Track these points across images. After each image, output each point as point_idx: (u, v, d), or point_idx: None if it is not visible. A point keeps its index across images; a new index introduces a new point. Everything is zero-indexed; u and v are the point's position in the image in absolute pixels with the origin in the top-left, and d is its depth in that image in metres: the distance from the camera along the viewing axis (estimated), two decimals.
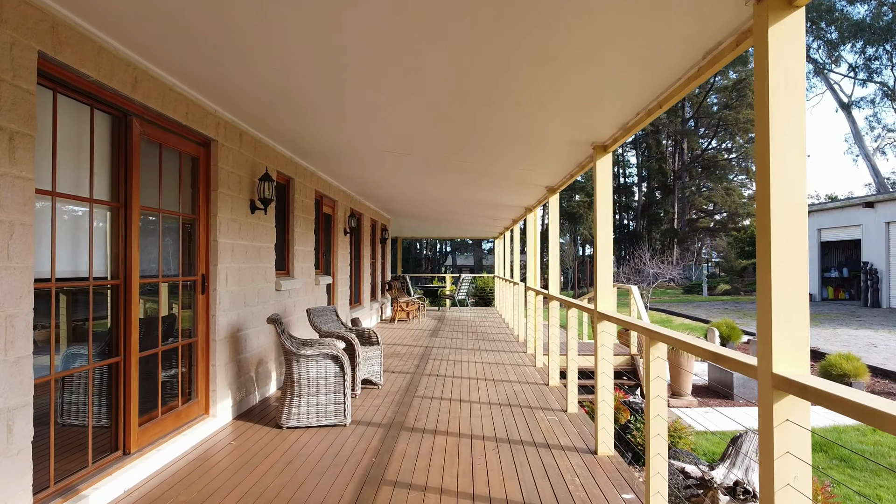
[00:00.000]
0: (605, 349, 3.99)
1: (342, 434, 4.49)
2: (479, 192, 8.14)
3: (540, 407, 5.38)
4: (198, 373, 4.49)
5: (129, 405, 3.55)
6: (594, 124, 3.75)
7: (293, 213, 6.64)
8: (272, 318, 4.73)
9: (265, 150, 5.62)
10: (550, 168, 5.39)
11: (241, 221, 5.05)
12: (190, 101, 4.10)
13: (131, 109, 3.56)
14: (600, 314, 3.98)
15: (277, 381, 6.02)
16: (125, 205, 3.56)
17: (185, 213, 4.37)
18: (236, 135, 4.93)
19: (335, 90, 3.74)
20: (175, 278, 4.24)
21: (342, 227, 9.32)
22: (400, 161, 6.39)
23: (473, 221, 13.80)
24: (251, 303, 5.30)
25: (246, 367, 5.19)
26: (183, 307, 4.43)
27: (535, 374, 7.03)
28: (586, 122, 3.76)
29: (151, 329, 3.92)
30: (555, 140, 4.39)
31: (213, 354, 4.60)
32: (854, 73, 30.62)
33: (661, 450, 2.84)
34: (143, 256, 3.86)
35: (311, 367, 4.66)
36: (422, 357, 8.22)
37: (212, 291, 4.59)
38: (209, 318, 4.59)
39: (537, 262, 8.58)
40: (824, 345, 12.50)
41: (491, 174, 6.43)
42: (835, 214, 23.60)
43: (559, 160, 4.99)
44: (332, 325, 6.18)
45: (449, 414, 5.09)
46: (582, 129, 3.92)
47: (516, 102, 3.59)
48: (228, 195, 4.81)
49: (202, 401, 4.54)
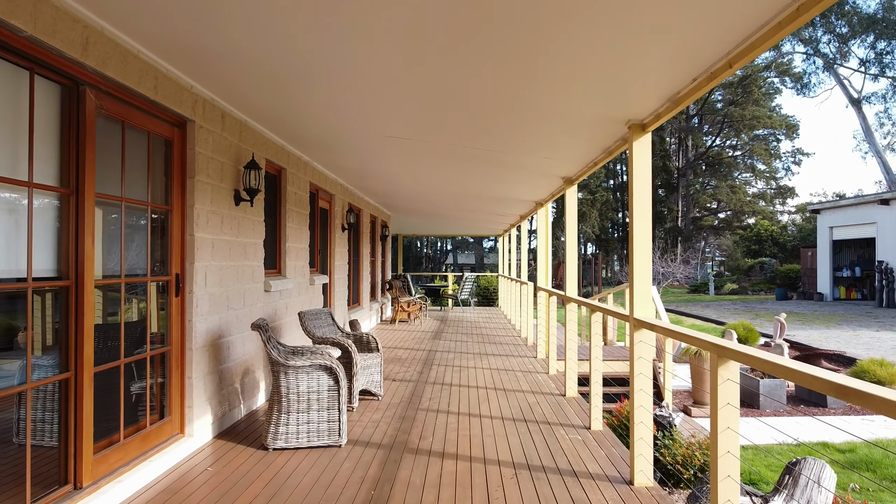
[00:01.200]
0: (642, 362, 3.41)
1: (337, 457, 3.92)
2: (488, 185, 7.56)
3: (559, 423, 4.80)
4: (171, 387, 3.91)
5: (80, 429, 2.98)
6: (632, 96, 3.16)
7: (285, 206, 6.07)
8: (257, 323, 4.16)
9: (252, 136, 5.04)
10: (572, 154, 4.80)
11: (223, 214, 4.47)
12: (159, 72, 3.52)
13: (84, 77, 2.99)
14: (638, 321, 3.40)
15: (266, 392, 5.45)
16: (77, 191, 2.99)
17: (155, 204, 3.79)
18: (217, 116, 4.35)
19: (340, 56, 3.16)
20: (142, 278, 3.66)
21: (340, 223, 8.75)
22: (403, 150, 5.81)
23: (478, 218, 13.21)
24: (236, 305, 4.73)
25: (229, 378, 4.62)
26: (155, 311, 3.86)
27: (549, 382, 6.46)
28: (623, 93, 3.16)
29: (112, 338, 3.35)
30: (581, 118, 3.80)
31: (189, 365, 4.02)
32: (865, 68, 29.99)
33: (731, 496, 2.26)
34: (103, 253, 3.28)
35: (301, 379, 4.08)
36: (425, 362, 7.65)
37: (188, 293, 4.02)
38: (184, 323, 4.01)
39: (549, 261, 8.00)
40: (847, 347, 11.91)
41: (503, 164, 5.85)
42: (847, 212, 22.99)
43: (584, 143, 4.40)
44: (328, 330, 5.61)
45: (457, 432, 4.52)
46: (616, 102, 3.33)
47: (541, 68, 3.01)
48: (208, 184, 4.23)
49: (176, 419, 3.97)
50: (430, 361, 7.73)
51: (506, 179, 6.86)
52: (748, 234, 38.51)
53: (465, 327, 12.06)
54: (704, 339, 2.40)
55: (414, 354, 8.32)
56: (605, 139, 4.14)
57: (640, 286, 3.43)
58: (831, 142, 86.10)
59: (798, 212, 42.95)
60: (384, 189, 9.60)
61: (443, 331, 11.37)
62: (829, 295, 23.74)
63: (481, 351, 8.73)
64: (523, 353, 8.60)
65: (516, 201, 8.81)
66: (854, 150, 56.22)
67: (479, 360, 7.84)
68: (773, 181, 45.20)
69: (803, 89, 37.25)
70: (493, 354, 8.40)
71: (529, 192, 7.56)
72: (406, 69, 3.28)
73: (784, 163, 44.70)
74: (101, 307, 3.29)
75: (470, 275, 17.51)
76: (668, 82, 2.84)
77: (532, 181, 6.65)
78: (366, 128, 4.88)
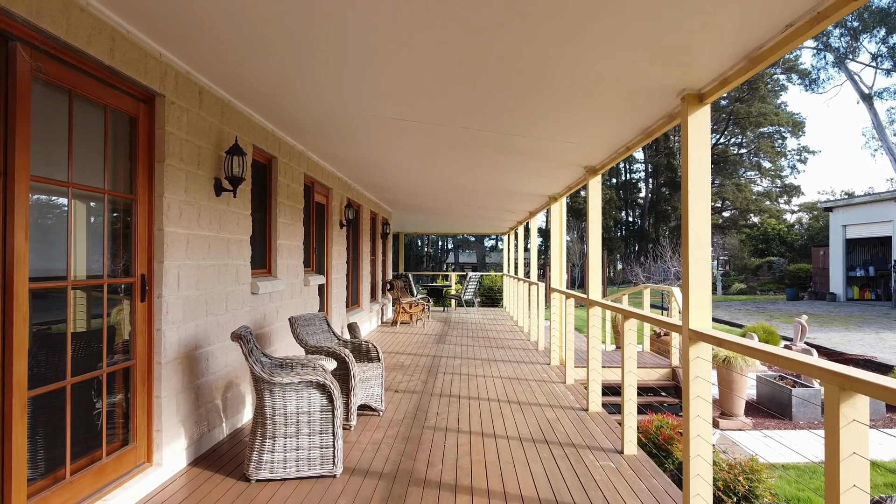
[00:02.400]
0: (700, 383, 2.81)
1: (331, 490, 3.32)
2: (499, 177, 6.95)
3: (586, 445, 4.21)
4: (135, 408, 3.32)
5: (8, 470, 2.39)
6: (694, 53, 2.55)
7: (276, 199, 5.47)
8: (237, 333, 3.56)
9: (236, 118, 4.44)
10: (602, 137, 4.18)
11: (200, 206, 3.88)
12: (117, 32, 2.92)
13: (12, 31, 2.39)
14: (696, 333, 2.80)
15: (254, 407, 4.85)
16: (4, 173, 2.39)
17: (115, 192, 3.20)
18: (194, 92, 3.76)
19: (339, 18, 2.57)
20: (97, 280, 3.07)
21: (338, 220, 8.14)
22: (407, 137, 5.21)
23: (483, 215, 12.60)
24: (216, 310, 4.13)
25: (208, 395, 4.03)
26: (115, 320, 3.27)
27: (567, 393, 5.86)
28: (681, 51, 2.55)
29: (57, 352, 2.75)
30: (621, 88, 3.19)
31: (157, 382, 3.43)
32: (877, 63, 29.32)
33: None
34: (44, 250, 2.69)
35: (289, 398, 3.49)
36: (430, 370, 7.05)
37: (156, 297, 3.42)
38: (152, 333, 3.42)
39: (563, 260, 7.40)
40: (875, 352, 11.31)
41: (518, 151, 5.25)
42: (861, 210, 22.36)
43: (618, 122, 3.78)
44: (322, 338, 5.01)
45: (470, 456, 3.92)
46: (670, 65, 2.72)
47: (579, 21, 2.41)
48: (182, 170, 3.63)
49: (142, 445, 3.37)
50: (436, 369, 7.13)
51: (519, 170, 6.26)
52: (755, 232, 37.89)
53: (470, 330, 11.46)
54: (817, 366, 1.80)
55: (417, 361, 7.73)
56: (646, 116, 3.53)
57: (698, 290, 2.83)
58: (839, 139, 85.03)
59: (806, 210, 42.32)
60: (385, 183, 9.00)
61: (447, 333, 10.78)
62: (843, 295, 23.11)
63: (489, 357, 8.13)
64: (535, 358, 8.00)
65: (528, 196, 8.21)
66: (864, 147, 55.32)
67: (487, 368, 7.25)
68: (779, 179, 44.59)
69: (811, 85, 36.57)
70: (502, 360, 7.80)
71: (544, 184, 6.96)
72: (416, 28, 2.68)
73: (790, 161, 44.10)
74: (42, 317, 2.70)
75: (474, 274, 16.89)
76: (750, 31, 2.22)
77: (548, 172, 6.05)
78: (367, 109, 4.28)
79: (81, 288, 2.97)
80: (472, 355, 8.22)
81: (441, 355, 8.19)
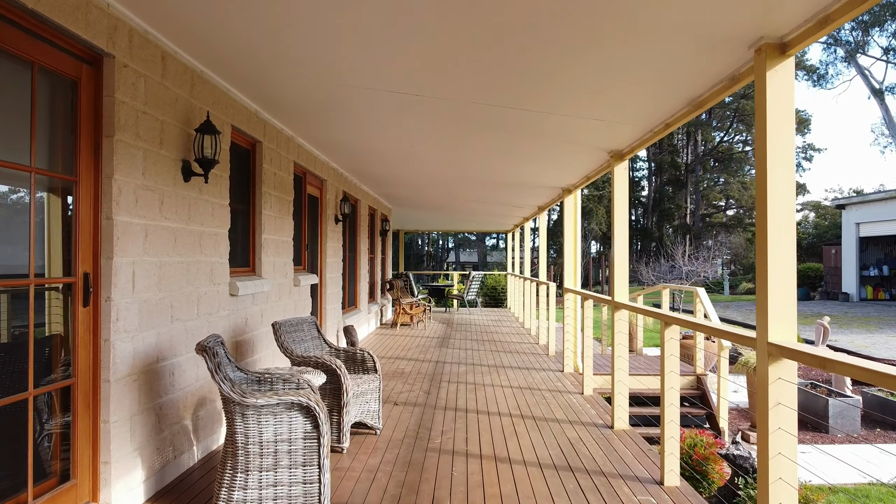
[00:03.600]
0: (783, 412, 2.20)
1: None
2: (507, 165, 6.35)
3: (618, 473, 3.60)
4: (77, 436, 2.71)
5: None
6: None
7: (261, 189, 4.86)
8: (203, 344, 2.94)
9: (210, 92, 3.83)
10: (640, 107, 3.50)
11: (163, 191, 3.27)
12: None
13: None
14: (777, 348, 2.19)
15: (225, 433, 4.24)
16: None
17: (47, 171, 2.59)
18: (155, 56, 3.15)
19: None
20: (23, 281, 2.46)
21: (333, 214, 7.53)
22: (409, 118, 4.61)
23: (488, 211, 11.98)
24: (185, 315, 3.53)
25: (174, 415, 3.42)
26: (48, 329, 2.66)
27: (587, 406, 5.25)
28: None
29: None
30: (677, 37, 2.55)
31: (105, 404, 2.82)
32: (888, 58, 28.65)
33: None
34: None
35: (265, 423, 2.88)
36: (432, 378, 6.45)
37: (103, 301, 2.81)
38: (98, 344, 2.81)
39: (578, 258, 6.81)
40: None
41: (534, 132, 4.63)
42: (876, 207, 21.71)
43: (663, 88, 3.11)
44: (311, 346, 4.41)
45: (483, 488, 3.32)
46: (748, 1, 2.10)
47: None
48: (139, 148, 3.02)
49: (86, 481, 2.77)
50: (439, 376, 6.53)
51: (533, 157, 5.65)
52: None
53: (474, 332, 10.85)
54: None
55: (419, 367, 7.12)
56: (699, 79, 2.89)
57: (780, 295, 2.23)
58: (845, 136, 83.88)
59: (811, 208, 41.71)
60: (384, 175, 8.39)
61: (450, 336, 10.17)
62: (856, 295, 22.48)
63: (497, 362, 7.52)
64: (545, 364, 7.40)
65: (539, 188, 7.59)
66: (872, 144, 54.34)
67: (495, 375, 6.64)
68: None
69: (819, 81, 35.87)
70: (510, 367, 7.19)
71: (558, 174, 6.35)
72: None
73: (795, 158, 43.55)
74: None
75: (477, 273, 16.26)
76: None
77: (566, 158, 5.43)
78: (367, 79, 3.67)
79: (4, 290, 2.36)
80: (478, 361, 7.62)
81: (444, 361, 7.58)
